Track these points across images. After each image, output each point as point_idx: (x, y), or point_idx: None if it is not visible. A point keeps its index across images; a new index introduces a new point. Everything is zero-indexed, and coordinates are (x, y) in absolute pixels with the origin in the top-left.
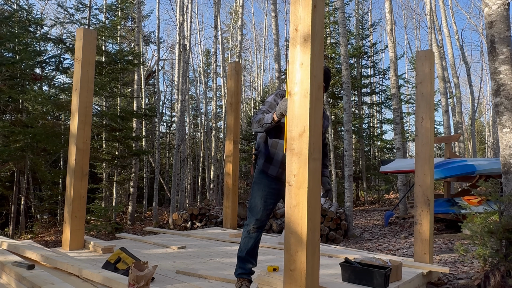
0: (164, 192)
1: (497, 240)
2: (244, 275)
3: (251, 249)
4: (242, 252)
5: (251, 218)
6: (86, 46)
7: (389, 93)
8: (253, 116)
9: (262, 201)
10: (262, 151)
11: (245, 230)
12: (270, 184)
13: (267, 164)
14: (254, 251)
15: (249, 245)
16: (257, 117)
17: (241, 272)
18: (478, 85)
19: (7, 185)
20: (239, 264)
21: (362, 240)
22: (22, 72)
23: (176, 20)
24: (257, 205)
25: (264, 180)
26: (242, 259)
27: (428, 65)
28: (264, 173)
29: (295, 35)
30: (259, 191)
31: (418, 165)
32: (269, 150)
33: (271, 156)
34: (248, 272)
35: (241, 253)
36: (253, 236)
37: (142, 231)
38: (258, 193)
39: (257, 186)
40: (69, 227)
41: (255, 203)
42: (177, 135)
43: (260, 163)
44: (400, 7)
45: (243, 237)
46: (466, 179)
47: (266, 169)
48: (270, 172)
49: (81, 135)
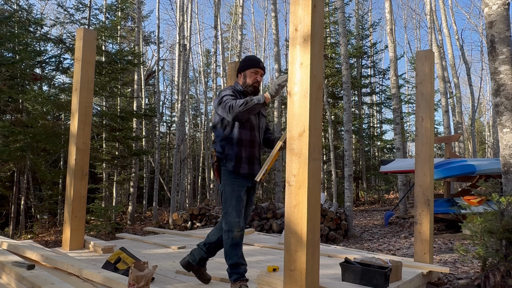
0: (164, 192)
1: (497, 240)
2: (241, 277)
3: (239, 252)
4: (233, 259)
5: (232, 223)
6: (86, 46)
7: (389, 93)
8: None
9: (240, 202)
10: (229, 153)
11: (227, 236)
12: (242, 183)
13: (238, 164)
14: (242, 252)
15: (237, 249)
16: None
17: (237, 277)
18: (478, 85)
19: (7, 185)
20: (232, 271)
21: (362, 240)
22: (22, 72)
23: (176, 20)
24: (236, 207)
25: (237, 181)
26: (235, 265)
27: (428, 65)
28: (235, 174)
29: (295, 35)
30: (234, 193)
31: (418, 165)
32: (237, 150)
33: (240, 155)
34: (243, 273)
35: (231, 260)
36: (238, 240)
37: (142, 231)
38: (234, 195)
39: (230, 187)
40: (69, 227)
41: (234, 206)
42: (177, 135)
43: (230, 165)
44: (400, 7)
45: (227, 243)
46: (466, 179)
47: (237, 170)
48: (242, 171)
49: (81, 135)
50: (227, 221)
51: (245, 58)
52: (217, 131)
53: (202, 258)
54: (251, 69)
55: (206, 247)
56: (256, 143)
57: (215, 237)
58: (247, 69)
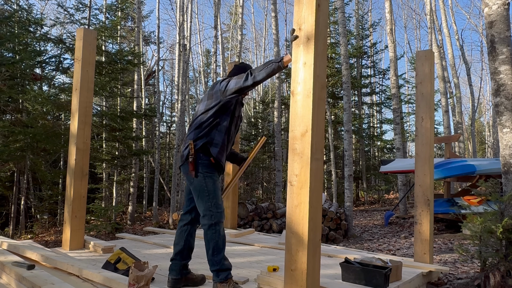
0: (164, 192)
1: (497, 240)
2: (229, 274)
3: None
4: (220, 254)
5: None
6: (86, 46)
7: (389, 93)
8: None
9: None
10: (215, 138)
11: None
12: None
13: (222, 151)
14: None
15: (224, 241)
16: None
17: (227, 275)
18: (478, 85)
19: (7, 185)
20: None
21: (362, 240)
22: (22, 72)
23: (176, 20)
24: (218, 197)
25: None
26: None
27: (428, 65)
28: (216, 164)
29: (298, 34)
30: (215, 183)
31: (418, 165)
32: (223, 137)
33: (224, 143)
34: (230, 268)
35: (219, 255)
36: (223, 233)
37: (142, 231)
38: (215, 185)
39: (210, 179)
40: (69, 227)
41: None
42: (177, 135)
43: (215, 150)
44: (400, 7)
45: (215, 238)
46: (466, 179)
47: (220, 158)
48: (222, 161)
49: (81, 135)
50: (214, 214)
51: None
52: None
53: (182, 267)
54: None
55: (179, 256)
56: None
57: (182, 242)
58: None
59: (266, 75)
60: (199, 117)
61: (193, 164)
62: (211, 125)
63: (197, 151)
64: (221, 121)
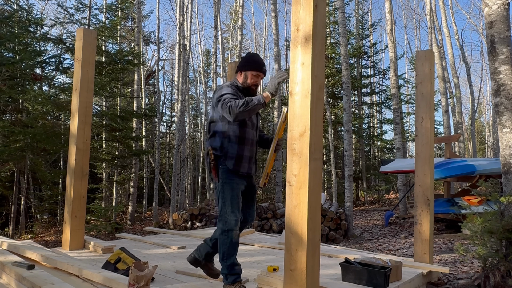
0: (164, 192)
1: (497, 240)
2: (237, 278)
3: (236, 251)
4: (230, 259)
5: (232, 222)
6: (86, 46)
7: (389, 93)
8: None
9: (238, 201)
10: (229, 150)
11: (226, 237)
12: (241, 181)
13: (238, 163)
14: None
15: (236, 249)
16: (236, 102)
17: (235, 279)
18: (478, 85)
19: (7, 185)
20: (229, 271)
21: (362, 240)
22: (22, 72)
23: (176, 20)
24: (236, 207)
25: (235, 179)
26: (231, 266)
27: (428, 65)
28: (235, 172)
29: (296, 35)
30: (233, 191)
31: (418, 165)
32: (237, 148)
33: (240, 154)
34: (239, 273)
35: (228, 260)
36: (237, 239)
37: (142, 231)
38: (233, 193)
39: (228, 186)
40: (69, 227)
41: (234, 205)
42: (177, 135)
43: (230, 163)
44: (400, 7)
45: (226, 244)
46: (466, 179)
47: (237, 168)
48: (242, 170)
49: (81, 135)
50: (227, 221)
51: (250, 59)
52: (217, 125)
53: (208, 254)
54: (254, 72)
55: (212, 243)
56: (254, 142)
57: None
58: (249, 70)
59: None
60: (211, 125)
61: (215, 170)
62: (222, 137)
63: (217, 158)
64: (230, 131)
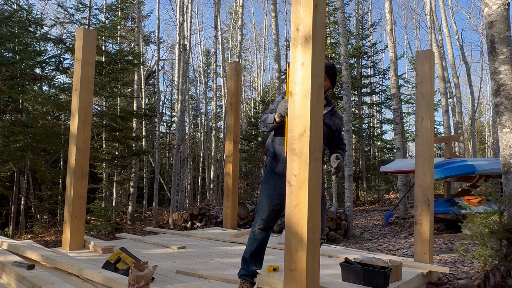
0: (164, 192)
1: (497, 240)
2: (246, 277)
3: (255, 251)
4: (247, 254)
5: (257, 219)
6: (86, 46)
7: (389, 93)
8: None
9: (268, 201)
10: (269, 149)
11: (251, 231)
12: (276, 183)
13: (274, 161)
14: (259, 254)
15: (254, 247)
16: (263, 116)
17: (244, 274)
18: (478, 85)
19: (7, 185)
20: (242, 265)
21: (362, 240)
22: (22, 72)
23: (176, 20)
24: (263, 205)
25: (271, 179)
26: (246, 260)
27: (428, 65)
28: (272, 172)
29: (296, 35)
30: (265, 191)
31: (418, 165)
32: (275, 148)
33: (277, 153)
34: (250, 274)
35: (245, 254)
36: (258, 238)
37: (142, 231)
38: (265, 193)
39: (264, 185)
40: (69, 227)
41: (261, 203)
42: (177, 135)
43: (268, 161)
44: (400, 7)
45: (249, 238)
46: (466, 179)
47: (273, 167)
48: (277, 170)
49: (81, 135)
50: (255, 216)
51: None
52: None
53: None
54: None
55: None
56: None
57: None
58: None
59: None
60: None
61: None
62: (269, 137)
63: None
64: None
